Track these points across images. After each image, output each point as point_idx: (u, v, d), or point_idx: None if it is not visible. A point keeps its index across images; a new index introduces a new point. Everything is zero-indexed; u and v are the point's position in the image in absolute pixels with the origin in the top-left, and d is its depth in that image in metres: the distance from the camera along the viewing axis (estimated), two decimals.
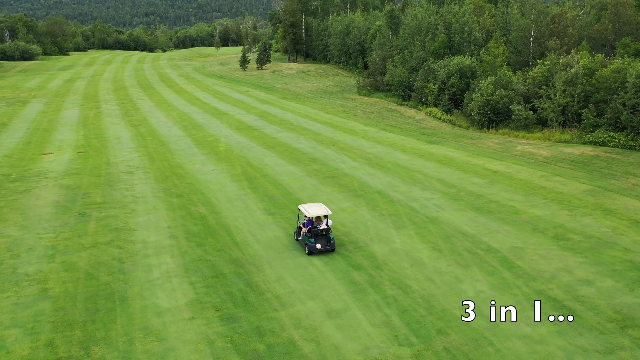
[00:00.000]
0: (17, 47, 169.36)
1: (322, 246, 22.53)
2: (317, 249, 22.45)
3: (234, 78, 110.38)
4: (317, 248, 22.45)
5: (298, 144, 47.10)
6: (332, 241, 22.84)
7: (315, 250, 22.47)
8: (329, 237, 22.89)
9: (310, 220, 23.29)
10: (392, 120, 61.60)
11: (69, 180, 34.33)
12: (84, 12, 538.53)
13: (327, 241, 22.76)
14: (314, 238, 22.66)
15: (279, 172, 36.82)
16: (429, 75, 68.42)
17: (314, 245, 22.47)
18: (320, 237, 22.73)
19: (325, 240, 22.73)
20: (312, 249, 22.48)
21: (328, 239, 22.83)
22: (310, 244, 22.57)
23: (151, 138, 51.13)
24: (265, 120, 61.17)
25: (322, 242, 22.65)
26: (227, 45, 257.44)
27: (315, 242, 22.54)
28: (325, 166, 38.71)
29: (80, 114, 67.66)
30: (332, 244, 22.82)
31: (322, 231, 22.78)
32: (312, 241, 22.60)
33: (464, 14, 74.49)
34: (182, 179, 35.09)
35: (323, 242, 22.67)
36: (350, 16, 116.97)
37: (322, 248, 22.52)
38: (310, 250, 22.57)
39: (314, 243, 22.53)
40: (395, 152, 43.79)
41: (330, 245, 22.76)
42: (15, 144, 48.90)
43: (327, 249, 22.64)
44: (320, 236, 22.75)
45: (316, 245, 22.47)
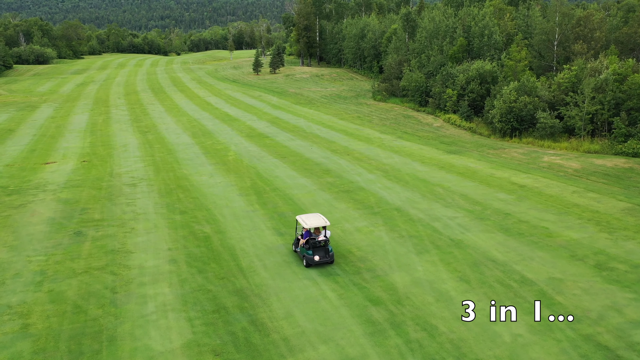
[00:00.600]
0: (32, 50, 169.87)
1: (321, 258, 21.72)
2: (316, 261, 21.61)
3: (247, 82, 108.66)
4: (315, 260, 21.61)
5: (311, 154, 44.87)
6: (331, 253, 22.00)
7: (313, 262, 21.63)
8: (327, 249, 22.03)
9: (308, 232, 22.53)
10: (409, 128, 59.12)
11: (68, 194, 32.46)
12: (100, 15, 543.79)
13: (326, 253, 21.91)
14: (312, 250, 21.81)
15: (290, 185, 34.60)
16: (447, 80, 65.82)
17: (312, 258, 21.64)
18: (319, 249, 21.89)
19: (324, 252, 21.89)
20: (311, 261, 21.64)
21: (327, 250, 21.98)
22: (309, 256, 21.71)
23: (159, 146, 49.28)
24: (277, 127, 59.08)
25: (320, 254, 21.82)
26: (241, 48, 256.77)
27: (313, 254, 21.69)
28: (339, 179, 36.41)
29: (89, 120, 66.22)
30: (331, 255, 21.95)
31: (320, 243, 21.98)
32: (310, 253, 21.75)
33: (483, 17, 71.79)
34: (187, 193, 33.03)
35: (321, 254, 21.84)
36: (365, 19, 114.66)
37: (321, 260, 21.68)
38: (308, 263, 21.71)
39: (312, 255, 21.68)
40: (413, 162, 41.34)
41: (328, 257, 21.88)
42: (19, 151, 47.38)
43: (325, 261, 21.74)
44: (319, 248, 21.92)
45: (314, 257, 21.65)
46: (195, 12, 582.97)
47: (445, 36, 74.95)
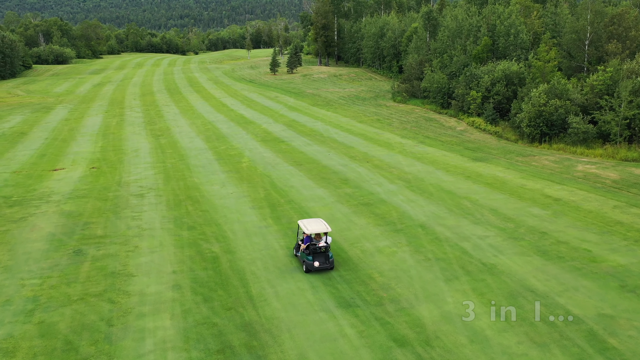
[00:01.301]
0: (51, 50, 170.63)
1: (321, 264, 21.72)
2: (315, 267, 21.62)
3: (263, 82, 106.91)
4: (315, 266, 21.62)
5: (328, 160, 42.70)
6: (331, 259, 22.00)
7: (313, 268, 21.63)
8: (327, 255, 22.00)
9: (309, 237, 22.51)
10: (431, 132, 56.55)
11: (71, 206, 30.80)
12: (120, 15, 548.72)
13: (326, 259, 21.91)
14: (312, 256, 21.77)
15: (306, 197, 32.48)
16: (471, 81, 63.04)
17: (311, 264, 21.64)
18: (319, 255, 21.87)
19: (324, 258, 21.89)
20: (310, 267, 21.64)
21: (327, 256, 21.95)
22: (308, 261, 21.71)
23: (171, 151, 47.60)
24: (294, 131, 57.04)
25: (320, 260, 21.82)
26: (258, 47, 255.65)
27: (313, 260, 21.70)
28: (358, 190, 34.17)
29: (102, 122, 65.00)
30: (331, 262, 21.94)
31: (320, 249, 21.95)
32: (310, 259, 21.73)
33: (509, 15, 68.72)
34: (196, 205, 31.13)
35: (321, 260, 21.84)
36: (384, 18, 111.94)
37: (321, 266, 21.70)
38: (307, 269, 21.70)
39: (312, 261, 21.68)
40: (437, 171, 38.89)
41: (328, 263, 21.87)
42: (29, 156, 46.11)
43: (325, 267, 21.76)
44: (319, 254, 21.89)
45: (314, 263, 21.63)
46: (214, 11, 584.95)
47: (469, 35, 72.05)
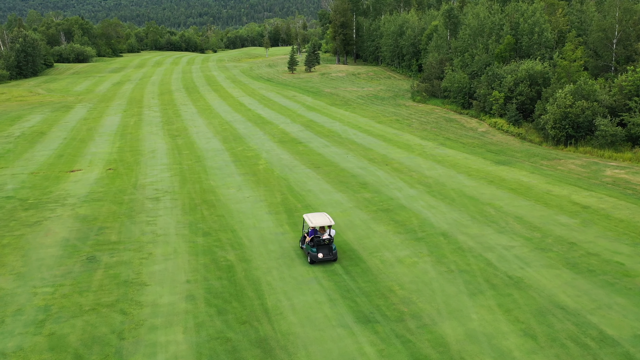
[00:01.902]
0: (72, 49, 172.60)
1: (324, 256, 22.83)
2: (319, 258, 22.74)
3: (281, 81, 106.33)
4: (319, 257, 22.74)
5: (346, 163, 41.84)
6: (334, 251, 23.15)
7: (317, 259, 22.75)
8: (331, 247, 23.18)
9: (313, 230, 23.63)
10: (452, 133, 55.28)
11: (87, 209, 30.49)
12: (141, 13, 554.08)
13: (329, 251, 23.05)
14: (316, 247, 22.95)
15: (323, 202, 31.69)
16: (493, 81, 61.53)
17: (315, 255, 22.78)
18: (323, 247, 23.04)
19: (328, 250, 23.03)
20: (314, 258, 22.76)
21: (330, 248, 23.13)
22: (313, 253, 22.86)
23: (187, 152, 47.22)
24: (311, 131, 56.28)
25: (324, 251, 22.95)
26: (276, 45, 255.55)
27: (317, 252, 22.86)
28: (377, 194, 33.26)
29: (120, 122, 65.06)
30: (334, 253, 23.10)
31: (324, 241, 23.12)
32: (314, 250, 22.89)
33: (533, 13, 66.92)
34: (212, 210, 30.56)
35: (325, 251, 22.97)
36: (404, 15, 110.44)
37: (324, 258, 22.80)
38: (312, 260, 22.80)
39: (316, 252, 22.84)
40: (459, 175, 37.77)
41: (332, 255, 23.01)
42: (47, 157, 46.15)
43: (328, 258, 22.89)
44: (323, 246, 23.07)
45: (318, 254, 22.77)
46: (232, 8, 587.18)
47: (491, 34, 70.40)
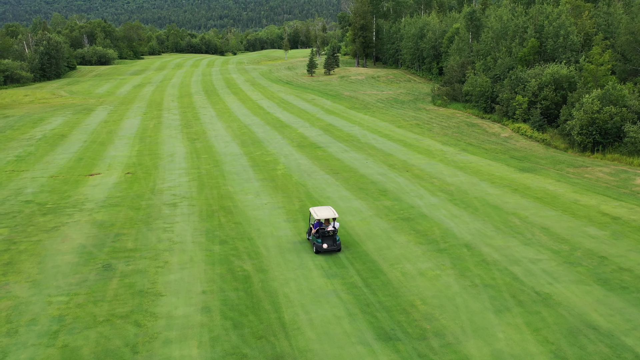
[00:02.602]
0: (94, 51, 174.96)
1: (329, 246, 24.37)
2: (324, 248, 24.28)
3: (300, 84, 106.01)
4: (323, 248, 24.27)
5: (366, 169, 41.11)
6: (338, 242, 24.70)
7: (322, 249, 24.30)
8: (335, 238, 24.72)
9: (319, 222, 24.99)
10: (474, 138, 54.13)
11: (104, 215, 30.31)
12: (162, 16, 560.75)
13: (334, 242, 24.61)
14: (321, 238, 24.47)
15: (342, 209, 31.02)
16: (517, 85, 60.16)
17: (320, 245, 24.32)
18: (327, 238, 24.57)
19: (332, 241, 24.58)
20: (319, 248, 24.32)
21: (334, 239, 24.68)
22: (318, 244, 24.39)
23: (206, 156, 47.01)
24: (330, 136, 55.68)
25: (328, 242, 24.49)
26: (296, 47, 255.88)
27: (322, 243, 24.40)
28: (398, 202, 32.47)
29: (140, 125, 65.32)
30: (338, 244, 24.66)
31: (329, 232, 24.66)
32: (319, 241, 24.42)
33: (559, 15, 65.37)
34: (229, 216, 30.13)
35: (329, 242, 24.51)
36: (424, 18, 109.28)
37: (329, 248, 24.35)
38: (317, 250, 24.38)
39: (320, 243, 24.37)
40: (481, 183, 36.76)
41: (336, 245, 24.56)
42: (66, 160, 46.37)
43: (332, 249, 24.45)
44: (327, 237, 24.60)
45: (323, 245, 24.31)
46: (252, 11, 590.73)
47: (515, 36, 68.99)
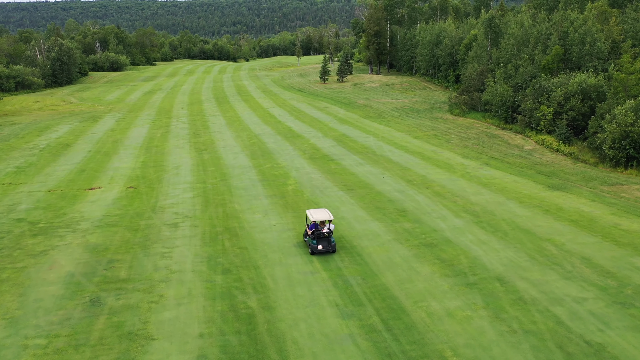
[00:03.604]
0: (107, 57, 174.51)
1: (324, 247, 24.77)
2: (319, 249, 24.70)
3: (313, 92, 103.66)
4: (318, 249, 24.70)
5: (382, 185, 38.38)
6: (333, 243, 25.13)
7: (317, 250, 24.74)
8: (330, 240, 25.13)
9: (314, 224, 25.40)
10: (496, 151, 51.15)
11: (99, 236, 27.90)
12: (176, 22, 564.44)
13: (328, 243, 25.00)
14: (316, 240, 24.93)
15: (358, 233, 28.31)
16: (541, 95, 57.09)
17: (315, 246, 24.78)
18: (322, 239, 24.99)
19: (327, 242, 25.00)
20: (314, 249, 24.76)
21: (329, 241, 25.09)
22: (313, 245, 24.86)
23: (213, 169, 44.61)
24: (344, 147, 53.05)
25: (323, 243, 24.89)
26: (308, 53, 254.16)
27: (317, 244, 24.84)
28: (418, 225, 29.68)
29: (147, 134, 63.25)
30: (333, 245, 25.10)
31: (324, 234, 25.10)
32: (314, 242, 24.89)
33: (584, 21, 62.28)
34: (234, 240, 27.56)
35: (324, 244, 24.91)
36: (440, 24, 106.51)
37: (324, 249, 24.76)
38: (312, 251, 24.81)
39: (316, 244, 24.82)
40: (508, 202, 33.83)
41: (330, 247, 24.98)
42: (68, 172, 44.25)
43: (327, 250, 24.87)
44: (322, 238, 25.01)
45: (318, 246, 24.74)
46: (265, 17, 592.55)
47: (537, 43, 65.97)
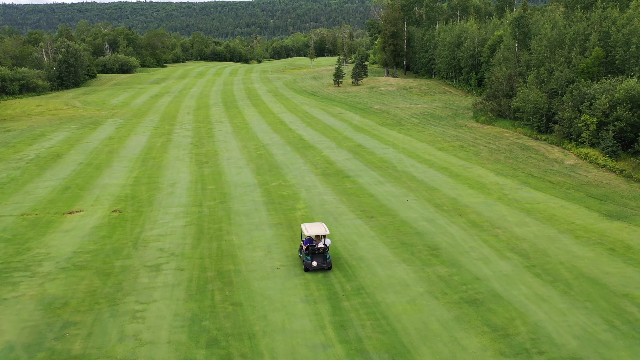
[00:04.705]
0: (116, 59, 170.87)
1: (319, 264, 23.21)
2: (313, 266, 23.11)
3: (326, 95, 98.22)
4: (313, 265, 23.13)
5: (407, 211, 32.72)
6: (328, 260, 23.52)
7: (311, 267, 23.15)
8: (325, 256, 23.53)
9: (309, 239, 24.00)
10: (533, 166, 45.19)
11: (60, 285, 22.60)
12: (190, 23, 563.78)
13: (324, 259, 23.44)
14: (311, 256, 23.37)
15: (382, 282, 22.72)
16: (581, 102, 50.99)
17: (310, 263, 23.22)
18: (317, 255, 23.48)
19: (322, 259, 23.43)
20: (309, 266, 23.20)
21: (324, 257, 23.49)
22: (307, 261, 23.31)
23: (212, 187, 39.35)
24: (361, 160, 47.50)
25: (318, 260, 23.34)
26: (322, 55, 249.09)
27: (311, 260, 23.27)
28: (456, 269, 24.00)
29: (146, 143, 58.28)
30: (328, 262, 23.44)
31: (319, 250, 23.60)
32: (308, 259, 23.35)
33: (629, 21, 56.04)
34: (227, 291, 22.10)
35: (319, 260, 23.36)
36: (462, 25, 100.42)
37: (318, 266, 23.18)
38: (306, 267, 23.21)
39: (310, 261, 23.26)
40: (562, 236, 27.99)
41: (326, 263, 23.33)
42: (50, 190, 39.29)
43: (322, 266, 23.25)
44: (317, 254, 23.50)
45: (312, 262, 23.18)
46: (279, 19, 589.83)
47: (573, 45, 59.85)
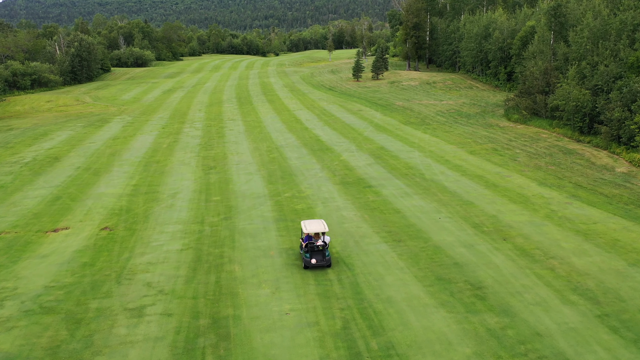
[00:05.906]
0: (131, 53, 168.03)
1: (318, 261, 22.99)
2: (312, 263, 22.93)
3: (345, 91, 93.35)
4: (312, 263, 22.94)
5: (441, 233, 27.93)
6: (328, 257, 23.26)
7: (310, 265, 22.98)
8: (324, 253, 23.30)
9: (308, 236, 23.82)
10: (580, 174, 39.92)
11: (15, 339, 18.26)
12: (209, 16, 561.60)
13: (323, 257, 23.17)
14: (310, 253, 23.17)
15: (417, 338, 18.07)
16: (632, 101, 45.43)
17: (309, 260, 23.02)
18: (316, 253, 23.23)
19: (321, 256, 23.18)
20: (308, 263, 23.00)
21: (323, 254, 23.25)
22: (306, 258, 23.10)
23: (217, 199, 35.04)
24: (384, 166, 42.77)
25: (317, 257, 23.11)
26: (340, 47, 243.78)
27: (310, 257, 23.06)
28: (508, 319, 19.19)
29: (152, 144, 54.30)
30: (328, 259, 23.18)
31: (318, 247, 23.35)
32: (307, 256, 23.13)
33: None
34: (222, 351, 17.59)
35: (319, 257, 23.12)
36: (489, 15, 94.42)
37: (317, 263, 22.95)
38: (306, 265, 23.04)
39: (309, 258, 23.05)
40: (633, 270, 22.97)
41: (325, 260, 23.11)
42: (39, 200, 35.43)
43: (322, 264, 23.00)
44: (316, 252, 23.26)
45: (311, 260, 22.99)
46: (297, 11, 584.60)
47: (620, 36, 53.97)
